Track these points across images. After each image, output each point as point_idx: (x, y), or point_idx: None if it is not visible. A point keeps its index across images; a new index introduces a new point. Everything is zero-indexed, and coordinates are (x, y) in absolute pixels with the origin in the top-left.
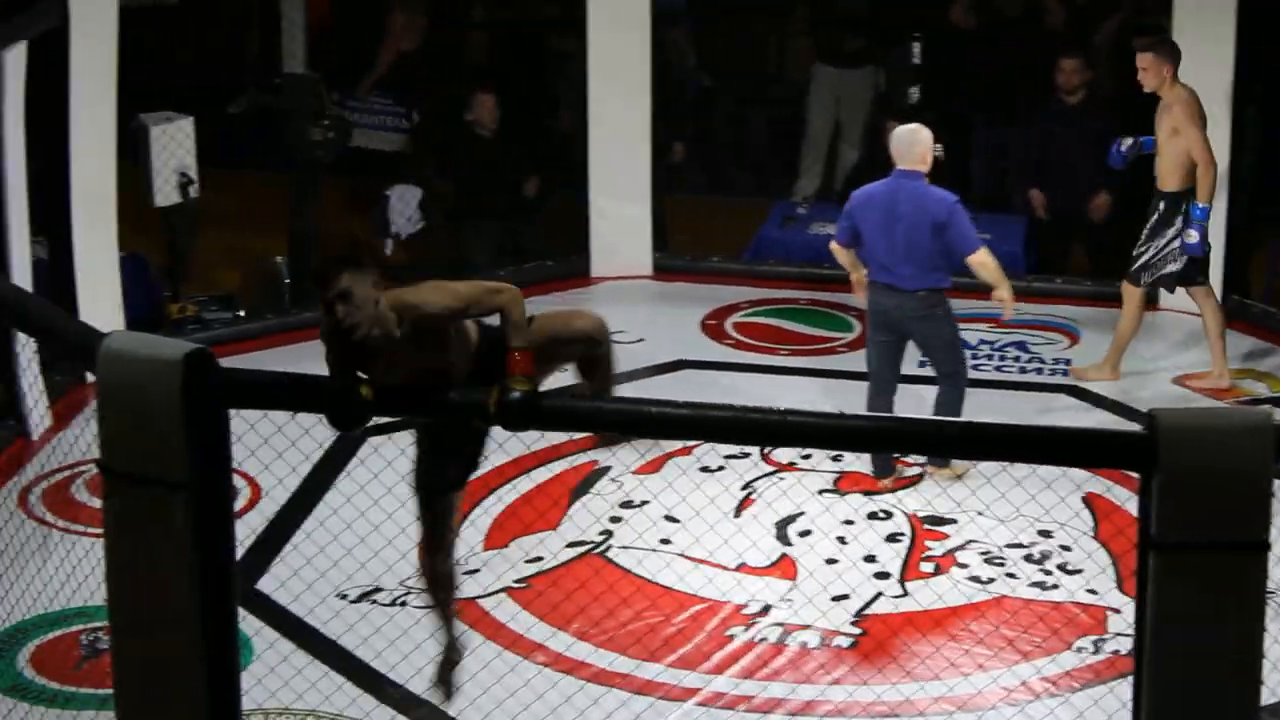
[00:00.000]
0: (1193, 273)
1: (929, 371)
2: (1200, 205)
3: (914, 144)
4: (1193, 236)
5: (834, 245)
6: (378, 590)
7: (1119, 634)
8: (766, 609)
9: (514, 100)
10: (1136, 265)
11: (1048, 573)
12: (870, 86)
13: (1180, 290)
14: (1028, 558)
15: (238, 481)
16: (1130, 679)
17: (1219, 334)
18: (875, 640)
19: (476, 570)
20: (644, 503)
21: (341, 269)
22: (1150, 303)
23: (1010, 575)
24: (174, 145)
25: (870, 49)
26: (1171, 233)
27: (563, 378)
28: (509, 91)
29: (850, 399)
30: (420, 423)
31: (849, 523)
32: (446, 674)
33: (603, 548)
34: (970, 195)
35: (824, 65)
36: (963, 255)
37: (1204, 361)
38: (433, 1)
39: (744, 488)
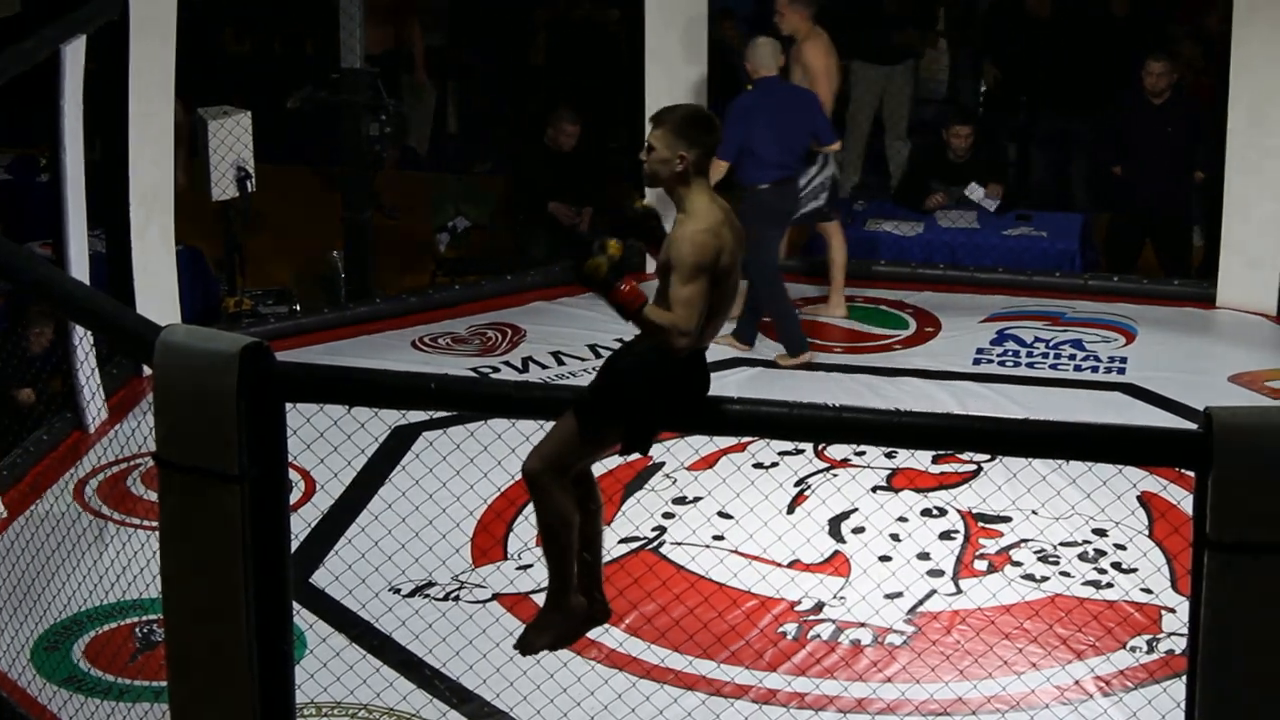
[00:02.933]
0: (828, 210)
1: (981, 369)
2: None
3: (776, 53)
4: None
5: (721, 163)
6: (431, 585)
7: (1173, 633)
8: (819, 606)
9: (594, 120)
10: (807, 207)
11: (1102, 571)
12: (910, 81)
13: (1241, 287)
14: (1082, 556)
15: (292, 475)
16: (1184, 679)
17: (842, 267)
18: (928, 638)
19: (530, 565)
20: (697, 499)
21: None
22: (1208, 301)
23: (1064, 574)
24: (231, 139)
25: (909, 44)
26: (814, 170)
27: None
28: (589, 112)
29: (906, 395)
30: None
31: (903, 520)
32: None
33: (656, 544)
34: (1029, 189)
35: (863, 63)
36: (827, 142)
37: (1264, 360)
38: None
39: (797, 484)
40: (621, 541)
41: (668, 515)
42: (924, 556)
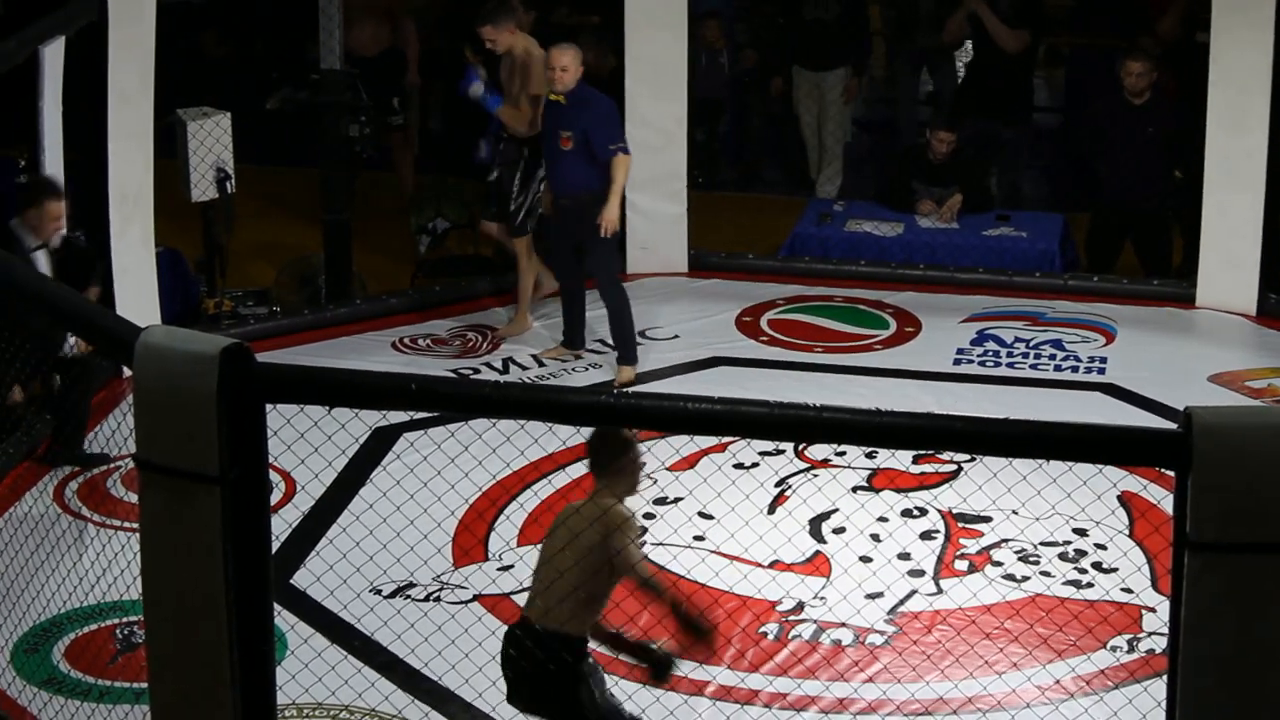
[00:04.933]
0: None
1: (961, 369)
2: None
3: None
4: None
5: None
6: (412, 585)
7: (1154, 633)
8: (800, 606)
9: None
10: (520, 215)
11: (1083, 571)
12: (844, 88)
13: (1220, 287)
14: (1063, 556)
15: (273, 476)
16: (1165, 678)
17: (528, 285)
18: (909, 638)
19: (511, 566)
20: (678, 499)
21: None
22: (1187, 301)
23: (1045, 573)
24: (211, 140)
25: (843, 51)
26: (541, 175)
27: None
28: None
29: (886, 395)
30: None
31: (883, 520)
32: None
33: None
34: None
35: (799, 67)
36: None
37: (1243, 360)
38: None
39: (778, 484)
40: None
41: (649, 515)
42: (905, 556)
